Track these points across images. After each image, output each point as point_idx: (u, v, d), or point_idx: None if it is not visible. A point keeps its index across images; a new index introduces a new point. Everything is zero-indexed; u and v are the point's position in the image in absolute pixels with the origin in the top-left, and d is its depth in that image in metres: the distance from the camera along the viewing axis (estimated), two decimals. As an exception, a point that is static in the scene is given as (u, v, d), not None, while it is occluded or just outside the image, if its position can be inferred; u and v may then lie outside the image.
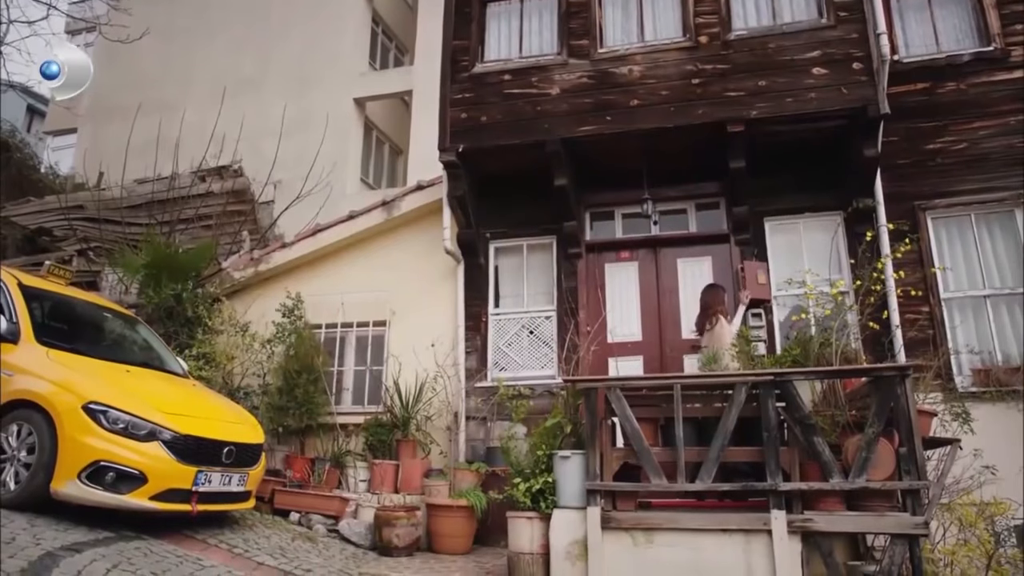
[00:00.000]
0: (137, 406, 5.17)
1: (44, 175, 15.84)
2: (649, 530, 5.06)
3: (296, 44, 16.84)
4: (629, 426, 5.23)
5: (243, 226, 11.83)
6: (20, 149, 16.06)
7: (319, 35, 16.95)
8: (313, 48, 16.83)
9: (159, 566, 4.47)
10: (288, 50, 16.81)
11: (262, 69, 16.57)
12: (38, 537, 4.34)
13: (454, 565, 5.95)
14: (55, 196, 12.59)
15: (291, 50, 16.79)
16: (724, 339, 6.30)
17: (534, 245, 8.25)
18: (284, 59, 16.72)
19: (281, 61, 16.70)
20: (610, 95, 7.43)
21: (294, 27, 17.03)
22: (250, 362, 7.97)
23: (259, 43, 16.96)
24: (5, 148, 14.95)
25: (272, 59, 16.73)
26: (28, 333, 5.51)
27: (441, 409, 7.65)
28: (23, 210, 11.96)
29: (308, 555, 5.69)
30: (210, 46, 17.13)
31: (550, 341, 7.82)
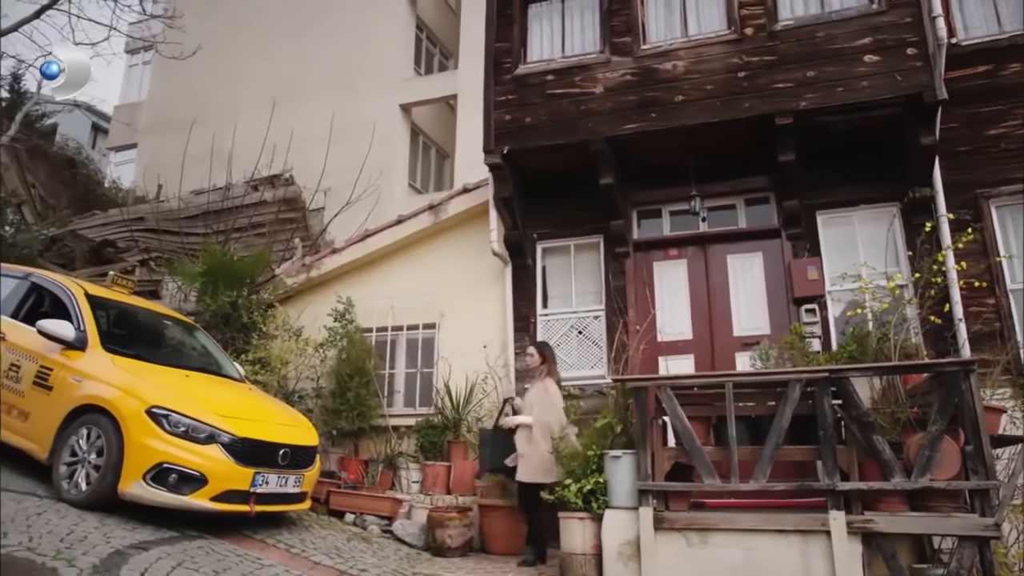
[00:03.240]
0: (197, 410, 5.33)
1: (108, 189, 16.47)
2: (703, 530, 4.99)
3: (342, 53, 17.17)
4: (680, 425, 5.16)
5: (295, 233, 12.10)
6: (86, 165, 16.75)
7: (365, 43, 17.25)
8: (359, 56, 17.14)
9: (220, 564, 4.60)
10: (335, 59, 17.15)
11: (310, 79, 16.93)
12: (108, 535, 4.52)
13: (507, 565, 5.96)
14: (118, 209, 13.09)
15: (338, 59, 17.12)
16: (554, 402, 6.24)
17: (581, 245, 8.21)
18: (331, 68, 17.06)
19: (328, 70, 17.04)
20: (654, 92, 7.35)
21: (340, 36, 17.36)
22: (304, 366, 8.13)
23: (306, 53, 17.34)
24: (72, 165, 15.60)
25: (319, 68, 17.09)
26: (95, 340, 5.74)
27: (492, 410, 7.66)
28: (89, 223, 12.45)
29: (363, 555, 5.78)
30: (259, 58, 17.59)
31: (599, 341, 7.77)
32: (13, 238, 10.83)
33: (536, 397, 6.23)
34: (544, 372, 6.34)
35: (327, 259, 9.10)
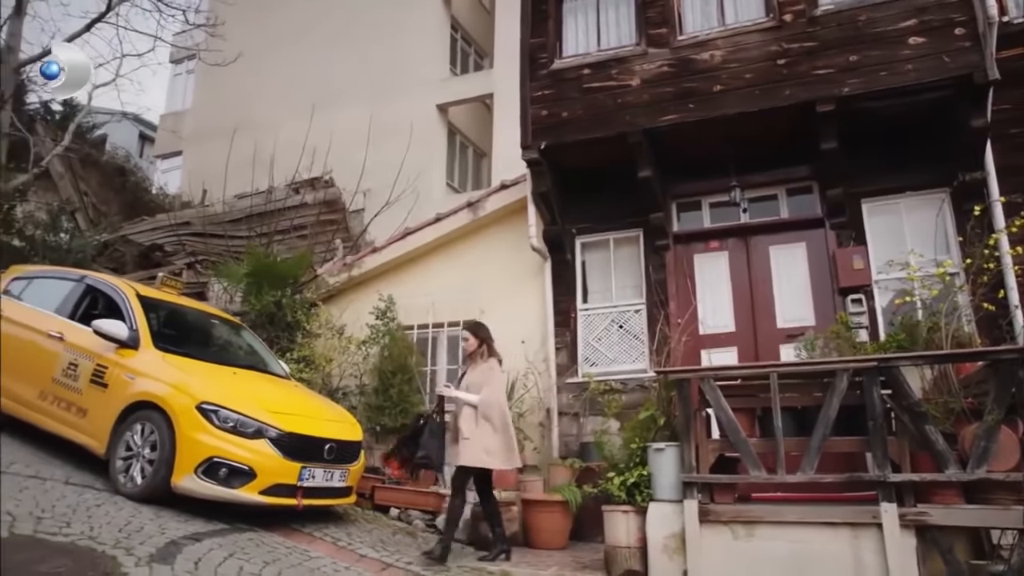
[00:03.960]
0: (245, 405, 5.46)
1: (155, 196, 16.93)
2: (750, 523, 4.93)
3: (379, 56, 17.36)
4: (724, 417, 5.11)
5: (336, 234, 12.28)
6: (134, 173, 17.23)
7: (400, 45, 17.41)
8: (395, 58, 17.30)
9: (270, 556, 4.70)
10: (372, 62, 17.34)
11: (348, 82, 17.16)
12: (163, 527, 4.66)
13: (550, 559, 5.96)
14: (165, 215, 13.44)
15: (375, 62, 17.32)
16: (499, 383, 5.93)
17: (620, 239, 8.17)
18: (368, 71, 17.27)
19: (366, 73, 17.24)
20: (692, 82, 7.28)
21: (376, 39, 17.56)
22: (347, 363, 8.25)
23: (344, 58, 17.58)
24: (122, 173, 16.07)
25: (357, 72, 17.30)
26: (147, 339, 5.91)
27: (533, 406, 7.68)
28: (138, 228, 12.82)
29: (408, 549, 5.85)
30: (298, 64, 17.89)
31: (640, 335, 7.73)
32: (68, 244, 11.21)
33: (482, 378, 5.80)
34: (486, 353, 5.97)
35: (368, 258, 9.22)
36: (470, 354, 6.02)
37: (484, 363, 5.91)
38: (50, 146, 12.35)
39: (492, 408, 5.65)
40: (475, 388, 5.73)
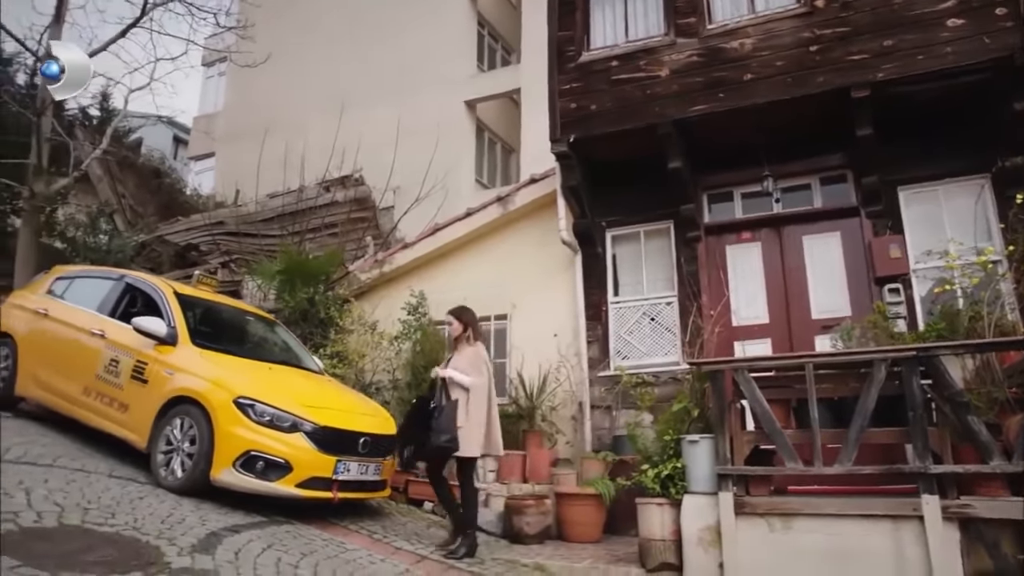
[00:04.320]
0: (280, 400, 5.54)
1: (190, 197, 17.21)
2: (786, 515, 4.88)
3: (406, 53, 17.45)
4: (759, 408, 5.06)
5: (366, 232, 12.39)
6: (169, 175, 17.55)
7: (428, 43, 17.49)
8: (423, 56, 17.38)
9: (307, 547, 4.77)
10: (399, 60, 17.44)
11: (376, 81, 17.28)
12: (204, 518, 4.76)
13: (584, 552, 5.96)
14: (200, 215, 13.68)
15: (402, 60, 17.41)
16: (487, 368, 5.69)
17: (651, 231, 8.12)
18: (397, 69, 17.37)
19: (394, 71, 17.35)
20: (722, 71, 7.19)
21: (404, 38, 17.65)
22: (380, 359, 8.31)
23: (372, 57, 17.70)
24: (157, 175, 16.38)
25: (384, 70, 17.42)
26: (184, 336, 6.02)
27: (565, 399, 7.68)
28: (173, 229, 13.06)
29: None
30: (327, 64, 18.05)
31: (672, 327, 7.68)
32: (107, 245, 11.47)
33: (468, 363, 5.63)
34: (471, 337, 5.83)
35: (398, 254, 9.29)
36: (455, 339, 5.94)
37: (470, 347, 5.80)
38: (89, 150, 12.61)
39: (482, 392, 5.55)
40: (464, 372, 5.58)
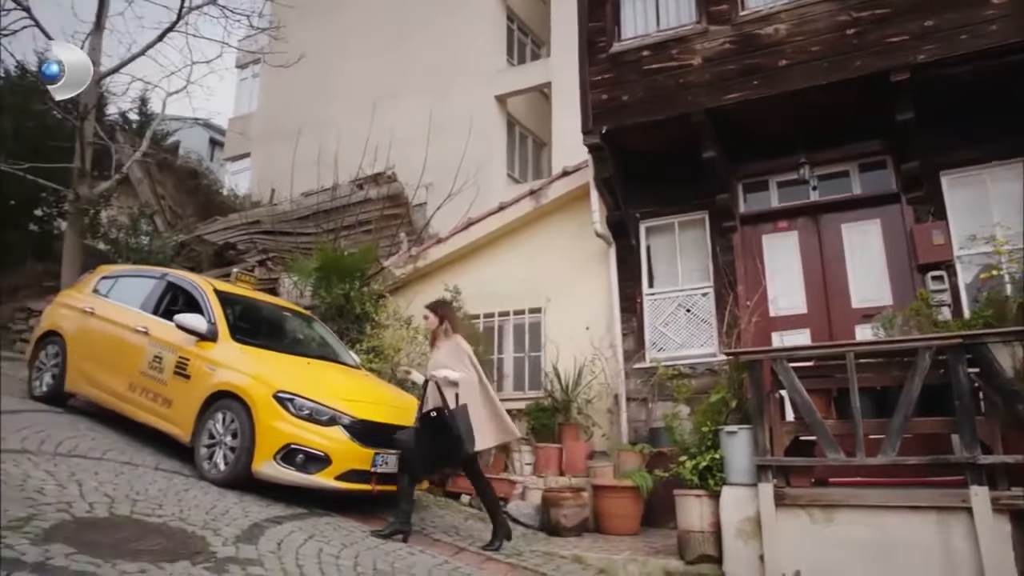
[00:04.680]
0: (319, 394, 5.61)
1: (226, 197, 17.51)
2: (828, 507, 4.81)
3: (436, 50, 17.52)
4: (799, 398, 4.99)
5: (399, 228, 12.49)
6: (206, 176, 17.88)
7: (457, 39, 17.54)
8: (452, 52, 17.44)
9: (348, 539, 4.84)
10: (429, 57, 17.52)
11: (407, 78, 17.38)
12: (246, 510, 4.85)
13: (622, 544, 5.95)
14: (237, 214, 13.92)
15: (431, 57, 17.49)
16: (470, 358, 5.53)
17: (685, 222, 8.05)
18: (426, 66, 17.45)
19: (424, 68, 17.43)
20: (755, 58, 7.09)
21: (433, 35, 17.72)
22: (415, 353, 8.37)
23: (402, 55, 17.81)
24: (195, 176, 16.69)
25: (416, 68, 17.51)
26: (225, 332, 6.13)
27: (601, 392, 7.66)
28: (211, 228, 13.31)
29: (481, 533, 5.92)
30: (358, 63, 18.22)
31: (708, 318, 7.60)
32: (148, 245, 11.73)
33: (450, 357, 5.52)
34: (449, 330, 5.70)
35: (432, 249, 9.34)
36: (432, 333, 5.81)
37: (449, 340, 5.67)
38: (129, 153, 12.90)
39: (471, 383, 5.41)
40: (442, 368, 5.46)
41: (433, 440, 5.22)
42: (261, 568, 3.74)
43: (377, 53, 18.13)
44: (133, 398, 6.30)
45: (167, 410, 6.00)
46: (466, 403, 5.26)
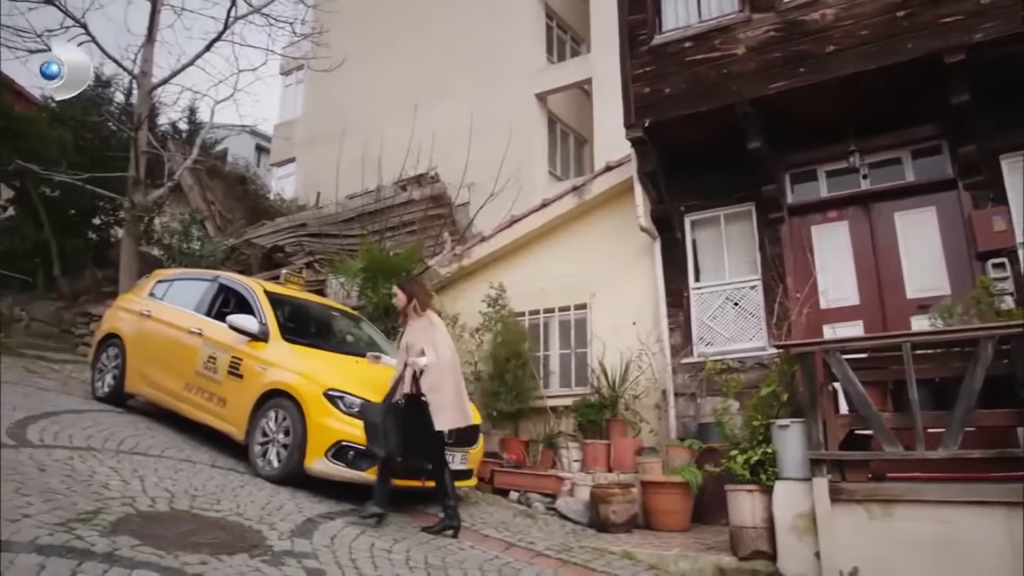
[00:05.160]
0: (368, 392, 5.68)
1: (273, 201, 17.85)
2: (887, 502, 4.68)
3: (476, 50, 17.58)
4: (853, 391, 4.86)
5: (443, 228, 12.57)
6: (254, 181, 18.25)
7: (496, 39, 17.57)
8: (492, 51, 17.48)
9: (399, 534, 4.90)
10: (469, 57, 17.59)
11: (448, 79, 17.48)
12: (300, 506, 4.96)
13: (673, 541, 5.89)
14: (284, 218, 14.18)
15: (472, 56, 17.56)
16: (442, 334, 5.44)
17: (731, 214, 7.92)
18: (466, 66, 17.52)
19: (465, 69, 17.51)
20: (801, 45, 6.93)
21: (472, 35, 17.79)
22: (462, 351, 8.36)
23: (443, 56, 17.91)
24: (243, 182, 17.07)
25: (456, 68, 17.59)
26: (275, 332, 6.27)
27: (648, 387, 7.60)
28: (260, 232, 13.58)
29: (529, 530, 5.94)
30: (400, 66, 18.37)
31: (756, 312, 7.47)
32: (200, 250, 12.05)
33: (420, 336, 5.37)
34: (419, 306, 5.54)
35: (476, 248, 9.38)
36: (402, 311, 5.72)
37: (420, 318, 5.52)
38: (180, 161, 13.28)
39: (443, 365, 5.29)
40: (414, 347, 5.35)
41: (404, 421, 5.16)
42: (316, 561, 3.82)
43: (418, 55, 18.27)
44: (189, 397, 6.48)
45: (222, 409, 6.16)
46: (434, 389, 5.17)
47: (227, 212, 15.03)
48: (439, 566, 4.33)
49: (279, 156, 23.61)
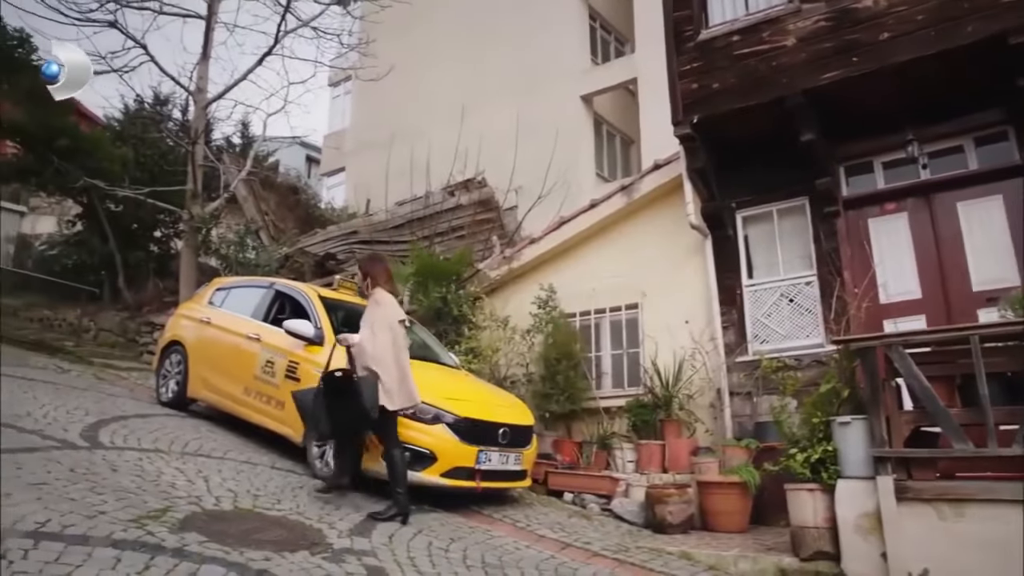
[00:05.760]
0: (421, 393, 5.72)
1: (324, 210, 18.20)
2: (958, 501, 4.50)
3: (520, 54, 17.65)
4: (918, 386, 4.71)
5: (491, 232, 12.63)
6: (305, 191, 18.65)
7: (541, 42, 17.61)
8: (536, 55, 17.53)
9: (455, 533, 4.94)
10: (513, 61, 17.67)
11: (494, 84, 17.58)
12: (357, 506, 5.04)
13: (731, 541, 5.78)
14: (335, 226, 14.44)
15: (516, 61, 17.63)
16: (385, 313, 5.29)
17: (784, 209, 7.75)
18: (511, 70, 17.61)
19: (508, 73, 17.59)
20: (854, 34, 6.75)
21: (516, 39, 17.86)
22: (513, 353, 8.44)
23: (488, 61, 18.03)
24: (295, 192, 17.46)
25: (501, 73, 17.69)
26: (330, 336, 6.34)
27: (702, 387, 7.49)
28: (312, 241, 13.85)
29: (585, 530, 5.90)
30: (446, 72, 18.56)
31: (813, 308, 7.29)
32: (256, 259, 12.36)
33: (366, 315, 5.37)
34: (369, 285, 5.53)
35: (526, 250, 9.40)
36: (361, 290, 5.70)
37: (370, 297, 5.53)
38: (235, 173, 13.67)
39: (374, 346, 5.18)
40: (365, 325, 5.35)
41: (334, 402, 5.08)
42: (375, 559, 3.88)
43: (463, 60, 18.44)
44: (248, 401, 6.64)
45: (280, 412, 6.28)
46: (377, 370, 5.10)
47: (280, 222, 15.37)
48: (496, 565, 4.34)
49: (329, 166, 24.11)
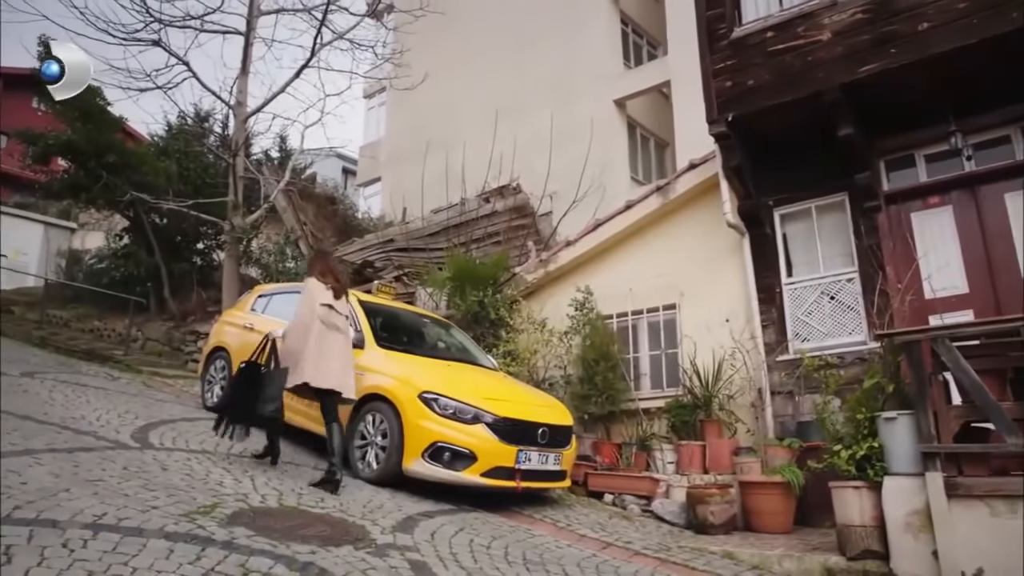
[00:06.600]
0: (461, 394, 5.81)
1: (361, 220, 18.46)
2: (1013, 498, 4.37)
3: (552, 60, 17.73)
4: (968, 379, 4.60)
5: (527, 238, 12.66)
6: (342, 201, 18.96)
7: (573, 48, 17.67)
8: (569, 61, 17.59)
9: (496, 532, 4.96)
10: (546, 68, 17.75)
11: (527, 90, 17.68)
12: (399, 505, 5.10)
13: (775, 541, 5.69)
14: (372, 234, 14.65)
15: (549, 66, 17.71)
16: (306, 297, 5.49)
17: (823, 205, 7.65)
18: (544, 77, 17.68)
19: (543, 79, 17.67)
20: (892, 25, 6.65)
21: (548, 45, 17.95)
22: (551, 355, 8.45)
23: (521, 67, 18.14)
24: (332, 202, 17.74)
25: (535, 79, 17.78)
26: (370, 340, 6.48)
27: (743, 386, 7.40)
28: (350, 249, 14.07)
29: (626, 530, 5.88)
30: (479, 79, 18.73)
31: (855, 305, 7.17)
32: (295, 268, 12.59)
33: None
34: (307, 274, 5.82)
35: (562, 252, 9.41)
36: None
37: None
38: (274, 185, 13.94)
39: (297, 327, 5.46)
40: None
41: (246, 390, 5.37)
42: (418, 554, 3.92)
43: (496, 67, 18.57)
44: (291, 404, 6.71)
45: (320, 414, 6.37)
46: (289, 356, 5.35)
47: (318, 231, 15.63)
48: (537, 562, 4.35)
49: (365, 176, 24.44)
